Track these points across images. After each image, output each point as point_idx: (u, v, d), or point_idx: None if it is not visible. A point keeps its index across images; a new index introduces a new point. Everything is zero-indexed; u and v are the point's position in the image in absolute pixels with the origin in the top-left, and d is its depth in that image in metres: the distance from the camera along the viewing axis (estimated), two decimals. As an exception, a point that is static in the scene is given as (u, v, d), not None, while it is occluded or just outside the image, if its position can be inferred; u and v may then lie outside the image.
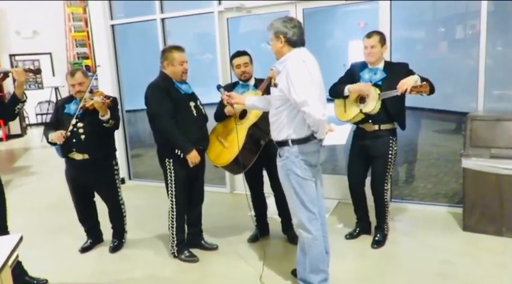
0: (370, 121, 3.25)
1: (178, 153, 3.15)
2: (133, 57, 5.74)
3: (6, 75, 2.96)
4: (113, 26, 5.40)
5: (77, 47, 10.09)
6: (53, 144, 3.33)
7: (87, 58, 9.92)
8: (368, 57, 3.22)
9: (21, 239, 1.59)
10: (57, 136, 3.21)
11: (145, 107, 3.25)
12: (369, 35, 3.22)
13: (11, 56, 10.33)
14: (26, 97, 3.02)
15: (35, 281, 3.07)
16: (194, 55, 5.51)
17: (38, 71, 3.31)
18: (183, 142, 3.11)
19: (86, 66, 9.37)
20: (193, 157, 3.13)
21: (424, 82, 2.94)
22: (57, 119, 3.37)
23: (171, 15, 5.04)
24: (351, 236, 3.57)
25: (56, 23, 9.96)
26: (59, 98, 6.76)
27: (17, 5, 10.03)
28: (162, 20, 5.07)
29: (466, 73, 4.39)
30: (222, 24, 4.75)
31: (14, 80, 2.94)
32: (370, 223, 3.61)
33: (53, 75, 10.58)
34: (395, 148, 3.32)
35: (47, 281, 3.11)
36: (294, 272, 2.98)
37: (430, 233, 3.59)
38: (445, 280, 2.90)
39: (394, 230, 3.65)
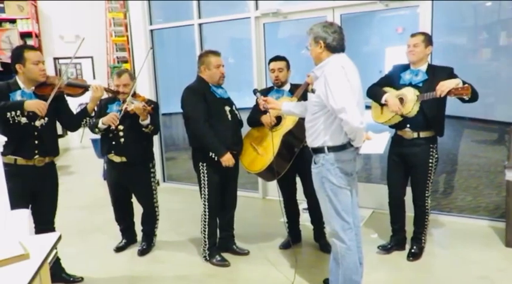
0: (408, 126, 3.14)
1: (213, 156, 3.16)
2: (168, 61, 5.84)
3: (86, 89, 3.03)
4: (151, 31, 5.51)
5: (117, 51, 10.36)
6: (99, 133, 3.38)
7: (126, 62, 10.17)
8: (409, 55, 3.11)
9: (59, 238, 1.63)
10: (111, 117, 3.20)
11: (180, 110, 3.29)
12: (413, 34, 3.13)
13: (54, 59, 10.74)
14: (95, 113, 3.12)
15: (71, 279, 3.15)
16: (225, 59, 5.56)
17: (116, 92, 3.38)
18: (216, 144, 3.12)
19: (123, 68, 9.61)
20: (226, 159, 3.13)
21: (466, 85, 2.79)
22: (100, 117, 3.42)
23: (209, 21, 5.09)
24: (384, 248, 3.44)
25: (98, 28, 10.27)
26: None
27: (61, 11, 10.43)
28: (200, 25, 5.13)
29: (509, 81, 4.21)
30: (259, 29, 4.76)
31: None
32: (405, 238, 3.46)
33: (94, 78, 10.90)
34: (436, 156, 3.20)
35: (82, 279, 3.19)
36: (326, 282, 2.93)
37: (469, 248, 3.45)
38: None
39: (431, 242, 3.52)
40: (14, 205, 1.75)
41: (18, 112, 2.71)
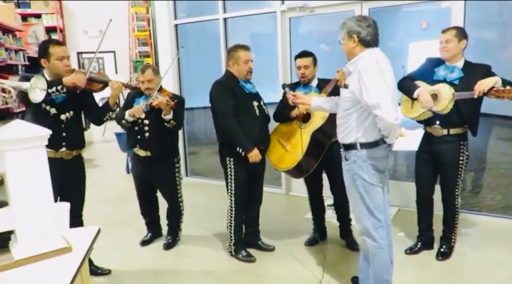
0: (438, 123, 3.04)
1: (240, 151, 3.14)
2: (191, 56, 5.83)
3: (106, 85, 3.04)
4: (176, 25, 5.52)
5: (139, 45, 10.46)
6: (127, 125, 3.39)
7: (148, 56, 10.26)
8: (442, 52, 3.00)
9: (99, 231, 1.63)
10: (137, 109, 3.23)
11: (202, 105, 3.27)
12: (444, 30, 3.00)
13: (78, 53, 10.89)
14: (118, 107, 3.12)
15: (99, 271, 3.19)
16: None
17: (135, 88, 3.39)
18: (244, 140, 3.10)
19: (146, 64, 9.68)
20: (254, 155, 3.11)
21: (508, 87, 2.66)
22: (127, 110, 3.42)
23: (234, 15, 5.07)
24: (412, 251, 3.36)
25: (120, 23, 10.37)
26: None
27: (86, 6, 10.58)
28: (225, 19, 5.12)
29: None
30: (284, 23, 4.71)
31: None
32: (433, 238, 3.38)
33: (116, 72, 11.03)
34: (467, 153, 3.10)
35: (110, 271, 3.22)
36: (353, 280, 2.89)
37: (499, 248, 3.36)
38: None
39: (460, 242, 3.43)
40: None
41: (59, 88, 2.71)
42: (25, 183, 1.29)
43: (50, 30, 9.86)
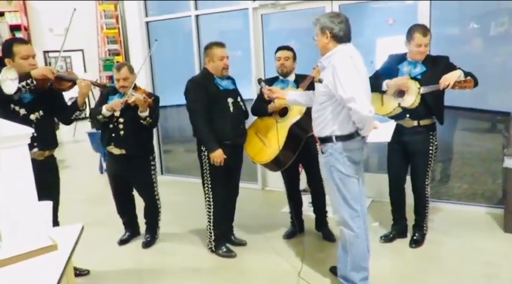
0: (408, 116, 3.16)
1: (203, 150, 3.17)
2: (162, 54, 5.79)
3: (74, 83, 2.97)
4: (147, 23, 5.46)
5: (108, 43, 10.24)
6: (102, 120, 3.33)
7: (118, 54, 10.07)
8: (421, 55, 3.08)
9: (82, 229, 1.63)
10: (116, 102, 3.20)
11: (174, 103, 3.26)
12: (424, 33, 3.03)
13: (44, 52, 10.57)
14: (86, 107, 3.08)
15: (78, 271, 3.14)
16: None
17: (103, 86, 3.34)
18: (209, 140, 3.12)
19: (116, 62, 9.52)
20: (216, 156, 3.11)
21: (468, 78, 2.85)
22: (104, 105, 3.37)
23: (206, 12, 5.06)
24: (387, 238, 3.48)
25: (88, 21, 10.13)
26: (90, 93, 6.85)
27: (51, 3, 10.26)
28: (197, 16, 5.11)
29: (499, 71, 4.26)
30: (256, 20, 4.75)
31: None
32: (406, 226, 3.51)
33: (85, 71, 10.79)
34: (436, 143, 3.25)
35: (88, 272, 3.19)
36: (332, 270, 2.97)
37: (470, 234, 3.52)
38: (491, 281, 2.84)
39: (431, 230, 3.57)
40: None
41: (29, 81, 2.62)
42: (9, 181, 1.28)
43: (14, 28, 9.54)
